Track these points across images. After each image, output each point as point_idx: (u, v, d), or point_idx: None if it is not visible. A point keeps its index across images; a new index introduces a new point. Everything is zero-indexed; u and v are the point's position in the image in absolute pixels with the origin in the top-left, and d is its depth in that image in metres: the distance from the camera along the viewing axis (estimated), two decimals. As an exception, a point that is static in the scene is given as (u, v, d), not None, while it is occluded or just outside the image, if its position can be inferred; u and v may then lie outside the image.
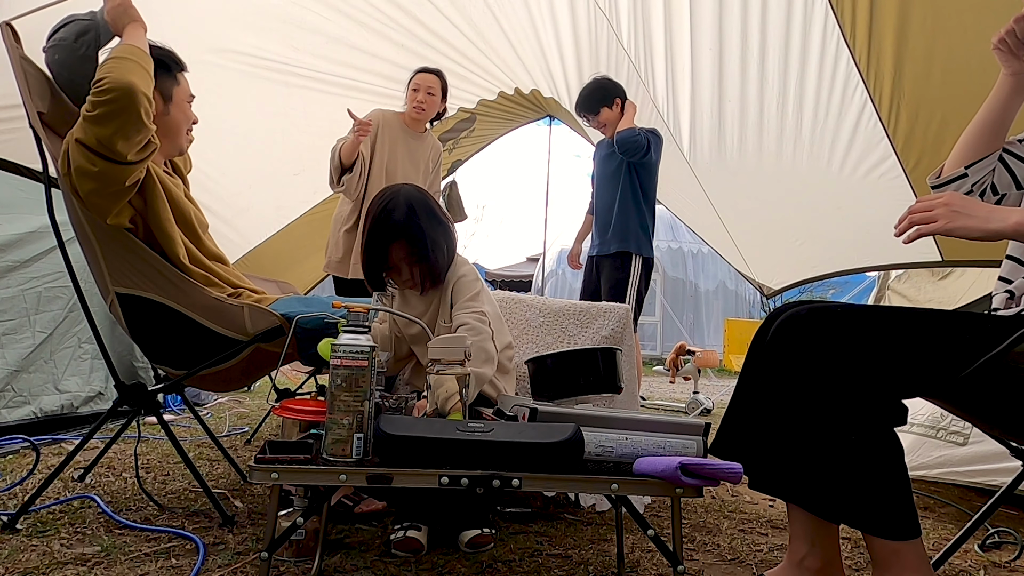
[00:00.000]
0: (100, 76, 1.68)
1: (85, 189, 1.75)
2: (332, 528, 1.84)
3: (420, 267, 1.81)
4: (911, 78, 2.51)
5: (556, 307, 2.32)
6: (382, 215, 1.78)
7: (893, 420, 1.24)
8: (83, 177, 1.73)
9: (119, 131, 1.68)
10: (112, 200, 1.78)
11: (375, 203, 1.82)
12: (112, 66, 1.70)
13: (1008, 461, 1.75)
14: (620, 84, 3.54)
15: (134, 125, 1.69)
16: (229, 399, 4.22)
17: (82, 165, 1.71)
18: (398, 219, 1.77)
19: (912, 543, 1.20)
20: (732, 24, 2.88)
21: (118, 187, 1.76)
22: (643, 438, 1.33)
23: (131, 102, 1.67)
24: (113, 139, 1.67)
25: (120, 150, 1.69)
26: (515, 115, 4.62)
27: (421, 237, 1.78)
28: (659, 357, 10.01)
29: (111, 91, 1.65)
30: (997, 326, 1.22)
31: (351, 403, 1.25)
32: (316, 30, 3.40)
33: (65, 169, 1.78)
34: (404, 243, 1.78)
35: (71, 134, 1.75)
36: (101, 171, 1.71)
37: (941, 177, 1.54)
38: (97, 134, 1.67)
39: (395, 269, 1.83)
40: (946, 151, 2.72)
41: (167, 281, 1.89)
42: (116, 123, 1.67)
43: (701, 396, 5.09)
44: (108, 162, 1.71)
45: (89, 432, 1.94)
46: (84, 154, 1.70)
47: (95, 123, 1.67)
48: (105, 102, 1.66)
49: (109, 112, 1.66)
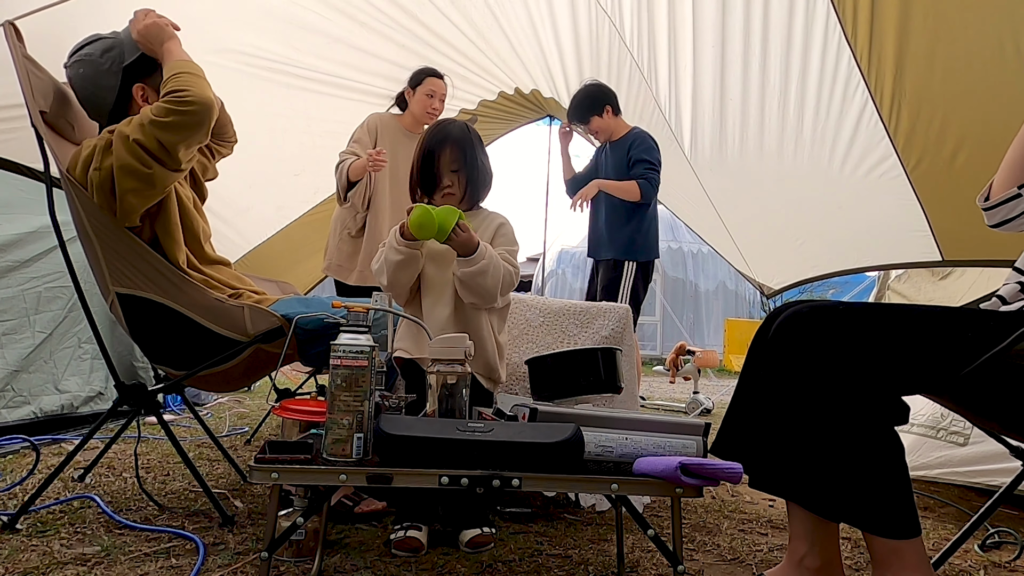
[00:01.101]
0: (180, 87, 1.76)
1: (126, 187, 1.79)
2: (332, 528, 1.84)
3: (463, 176, 1.92)
4: (912, 77, 2.50)
5: (556, 307, 2.32)
6: (440, 125, 1.96)
7: (894, 419, 1.24)
8: (129, 176, 1.78)
9: (187, 140, 1.78)
10: (146, 201, 1.84)
11: (434, 123, 2.01)
12: (191, 80, 1.80)
13: (1008, 461, 1.75)
14: (611, 91, 3.54)
15: (200, 138, 1.82)
16: (229, 399, 4.22)
17: (131, 164, 1.76)
18: (453, 130, 1.94)
19: (912, 542, 1.20)
20: (734, 22, 2.88)
21: (159, 190, 1.84)
22: (643, 438, 1.33)
23: (207, 117, 1.78)
24: (178, 146, 1.77)
25: (180, 157, 1.79)
26: (515, 115, 4.61)
27: (470, 149, 1.93)
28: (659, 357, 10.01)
29: (194, 104, 1.75)
30: (999, 323, 1.22)
31: (351, 403, 1.25)
32: (317, 30, 3.40)
33: (98, 164, 1.79)
34: (455, 148, 1.91)
35: (122, 132, 1.78)
36: (154, 173, 1.78)
37: (991, 199, 1.49)
38: (164, 138, 1.74)
39: (439, 176, 1.92)
40: (947, 150, 2.72)
41: (167, 281, 1.90)
42: (187, 132, 1.77)
43: (701, 396, 5.09)
44: (162, 166, 1.78)
45: (89, 432, 1.94)
46: (139, 155, 1.76)
47: (165, 128, 1.74)
48: (185, 112, 1.75)
49: (185, 122, 1.75)
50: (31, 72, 1.89)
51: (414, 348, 1.82)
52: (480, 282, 1.75)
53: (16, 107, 2.02)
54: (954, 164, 2.67)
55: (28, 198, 2.71)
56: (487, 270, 1.75)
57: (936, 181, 2.85)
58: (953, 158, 2.67)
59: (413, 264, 1.82)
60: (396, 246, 1.79)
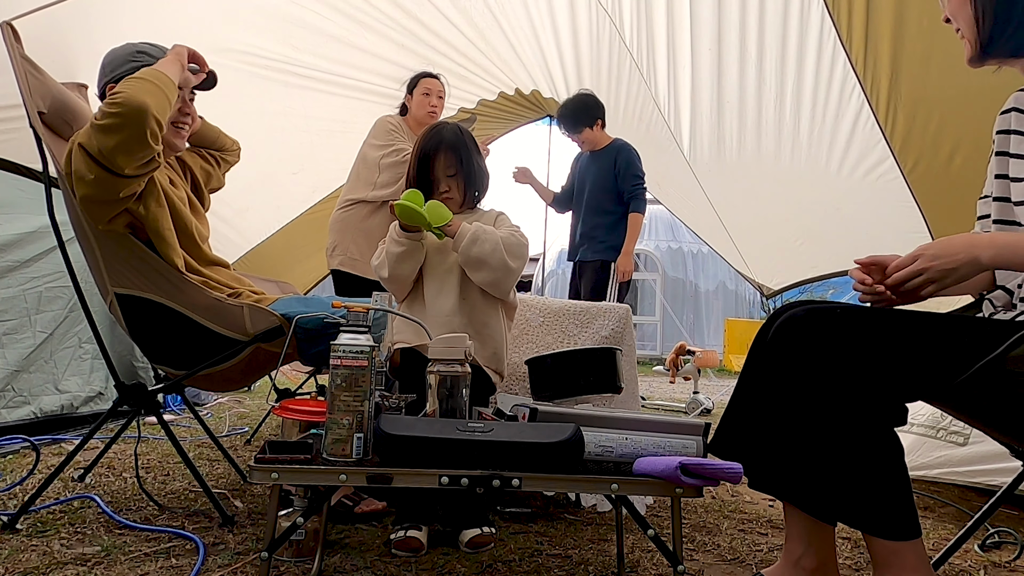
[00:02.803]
0: (117, 90, 1.73)
1: (80, 193, 1.78)
2: (332, 528, 1.84)
3: (459, 180, 1.94)
4: (908, 80, 2.51)
5: (556, 307, 2.32)
6: (435, 129, 1.98)
7: (893, 420, 1.24)
8: (80, 181, 1.76)
9: (121, 145, 1.70)
10: (105, 208, 1.80)
11: (428, 127, 2.02)
12: (131, 84, 1.75)
13: (1008, 461, 1.75)
14: (601, 103, 3.65)
15: (138, 143, 1.72)
16: (229, 399, 4.22)
17: (80, 170, 1.74)
18: (447, 134, 1.95)
19: (912, 543, 1.20)
20: (730, 26, 2.88)
21: (112, 197, 1.77)
22: (643, 438, 1.33)
23: (139, 121, 1.70)
24: (115, 152, 1.70)
25: (119, 163, 1.72)
26: (515, 115, 4.62)
27: (465, 152, 1.94)
28: (659, 357, 10.00)
29: (122, 106, 1.69)
30: (996, 330, 1.22)
31: (351, 403, 1.25)
32: (316, 30, 3.40)
33: (67, 170, 1.79)
34: (450, 153, 1.92)
35: (76, 136, 1.76)
36: (97, 179, 1.73)
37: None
38: (100, 143, 1.70)
39: (436, 182, 1.94)
40: (944, 152, 2.73)
41: (166, 282, 1.89)
42: (120, 137, 1.70)
43: (701, 396, 5.09)
44: (105, 172, 1.72)
45: (89, 432, 1.94)
46: (84, 160, 1.73)
47: (101, 132, 1.70)
48: (114, 115, 1.69)
49: (115, 125, 1.69)
50: (29, 73, 1.89)
51: (414, 337, 1.82)
52: (478, 251, 1.79)
53: (15, 107, 2.02)
54: (951, 167, 2.68)
55: (28, 198, 2.71)
56: (478, 236, 1.80)
57: (933, 183, 2.85)
58: (950, 161, 2.67)
59: (415, 255, 1.86)
60: (397, 238, 1.84)
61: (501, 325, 1.90)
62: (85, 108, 2.14)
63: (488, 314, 1.87)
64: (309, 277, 4.56)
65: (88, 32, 2.18)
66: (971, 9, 1.30)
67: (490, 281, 1.83)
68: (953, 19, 1.36)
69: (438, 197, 1.92)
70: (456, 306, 1.84)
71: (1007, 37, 1.28)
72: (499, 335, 1.88)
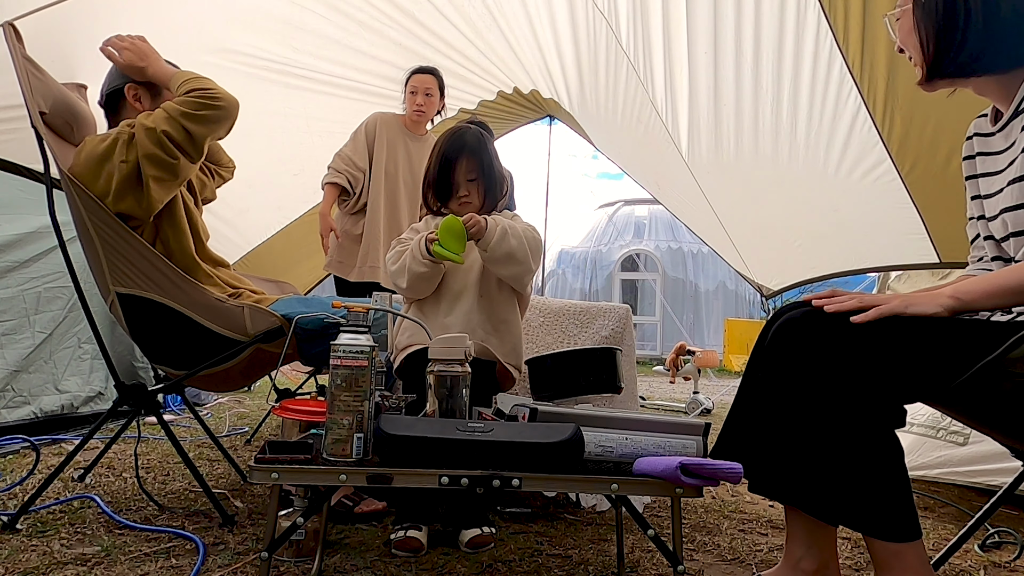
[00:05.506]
0: (207, 87, 1.89)
1: (153, 176, 1.86)
2: (332, 528, 1.85)
3: (479, 185, 1.93)
4: (904, 83, 2.50)
5: (556, 307, 2.32)
6: (457, 133, 1.95)
7: (892, 422, 1.24)
8: (156, 165, 1.85)
9: (214, 132, 1.92)
10: (168, 191, 1.92)
11: (450, 130, 1.98)
12: (213, 83, 1.93)
13: (1008, 461, 1.75)
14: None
15: (223, 133, 1.98)
16: (229, 399, 4.23)
17: (158, 154, 1.84)
18: (469, 139, 1.93)
19: (913, 544, 1.20)
20: (726, 28, 2.88)
21: (180, 181, 1.94)
22: (643, 438, 1.33)
23: (234, 113, 1.94)
24: (206, 138, 1.91)
25: (204, 148, 1.92)
26: (515, 115, 4.61)
27: (487, 157, 1.93)
28: (659, 357, 10.01)
29: (224, 100, 1.90)
30: (995, 332, 1.22)
31: (351, 403, 1.25)
32: (316, 30, 3.40)
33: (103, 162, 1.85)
34: (472, 158, 1.91)
35: (149, 122, 1.85)
36: (178, 164, 1.88)
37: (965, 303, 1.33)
38: (195, 130, 1.86)
39: (456, 187, 1.93)
40: (941, 155, 2.72)
41: (168, 281, 1.90)
42: (215, 125, 1.90)
43: (701, 396, 5.09)
44: (186, 158, 1.89)
45: (89, 432, 1.95)
46: (166, 146, 1.85)
47: (196, 121, 1.86)
48: (215, 107, 1.88)
49: (215, 116, 1.89)
50: (31, 73, 1.89)
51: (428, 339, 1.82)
52: (507, 247, 1.78)
53: (16, 108, 2.02)
54: (948, 169, 2.67)
55: (28, 198, 2.71)
56: (507, 232, 1.78)
57: (931, 186, 2.85)
58: (947, 163, 2.67)
59: (436, 277, 1.85)
60: (422, 260, 1.79)
61: (519, 320, 1.90)
62: (86, 108, 2.14)
63: (507, 310, 1.87)
64: (309, 277, 4.56)
65: (88, 32, 2.17)
66: (916, 37, 1.36)
67: (516, 275, 1.83)
68: (904, 48, 1.42)
69: (457, 202, 1.92)
70: (475, 304, 1.84)
71: (950, 60, 1.33)
72: (517, 330, 1.88)
